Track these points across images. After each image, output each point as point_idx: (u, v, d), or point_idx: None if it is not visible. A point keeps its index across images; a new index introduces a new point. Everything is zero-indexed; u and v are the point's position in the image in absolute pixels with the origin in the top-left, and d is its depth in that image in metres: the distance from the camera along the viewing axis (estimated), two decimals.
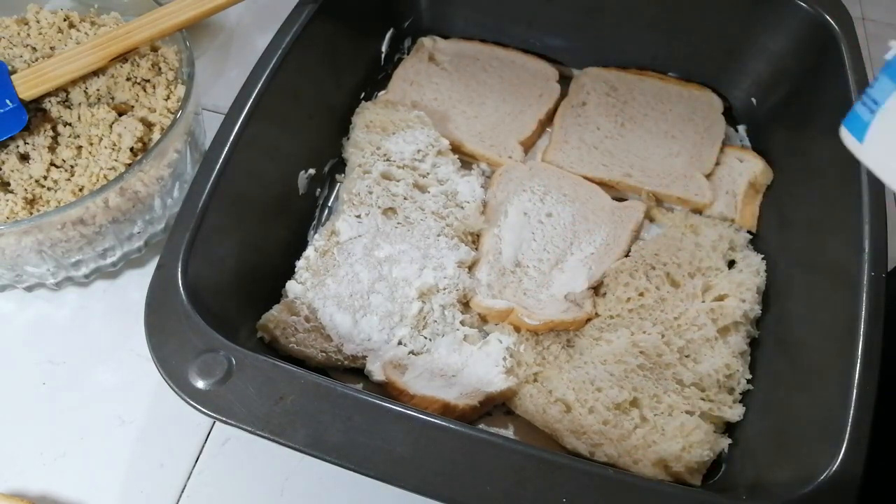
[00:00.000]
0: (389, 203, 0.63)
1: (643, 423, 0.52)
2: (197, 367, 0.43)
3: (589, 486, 0.40)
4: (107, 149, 0.58)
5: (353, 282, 0.58)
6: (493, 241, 0.63)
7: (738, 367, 0.54)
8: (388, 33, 0.77)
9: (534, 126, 0.73)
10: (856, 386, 0.43)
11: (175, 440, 0.55)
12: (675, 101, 0.74)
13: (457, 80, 0.77)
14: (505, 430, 0.56)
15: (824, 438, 0.43)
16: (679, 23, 0.73)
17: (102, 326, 0.61)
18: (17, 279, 0.59)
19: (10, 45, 0.63)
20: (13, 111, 0.58)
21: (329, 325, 0.56)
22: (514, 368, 0.56)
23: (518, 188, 0.66)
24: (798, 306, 0.55)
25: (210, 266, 0.51)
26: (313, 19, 0.62)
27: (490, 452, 0.41)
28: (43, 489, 0.53)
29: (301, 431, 0.41)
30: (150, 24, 0.61)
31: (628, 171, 0.69)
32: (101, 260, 0.60)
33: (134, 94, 0.62)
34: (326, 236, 0.61)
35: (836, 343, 0.47)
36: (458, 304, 0.59)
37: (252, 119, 0.56)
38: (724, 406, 0.53)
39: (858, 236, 0.49)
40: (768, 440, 0.50)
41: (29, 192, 0.56)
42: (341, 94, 0.71)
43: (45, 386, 0.58)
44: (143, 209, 0.59)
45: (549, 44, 0.79)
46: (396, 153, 0.66)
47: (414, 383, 0.54)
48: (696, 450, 0.50)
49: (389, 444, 0.40)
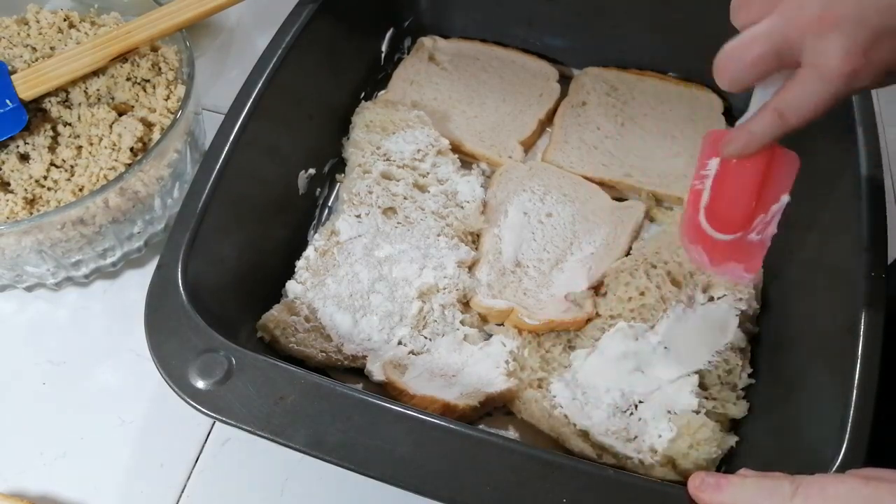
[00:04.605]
0: (389, 203, 0.63)
1: (649, 422, 0.52)
2: (197, 367, 0.43)
3: (589, 486, 0.40)
4: (107, 149, 0.58)
5: (353, 282, 0.58)
6: (493, 241, 0.63)
7: (737, 363, 0.54)
8: (388, 33, 0.77)
9: (534, 126, 0.73)
10: (856, 385, 0.43)
11: (175, 440, 0.55)
12: (675, 101, 0.74)
13: (457, 80, 0.77)
14: (505, 430, 0.56)
15: (825, 436, 0.43)
16: (679, 23, 0.73)
17: (102, 326, 0.61)
18: (17, 279, 0.59)
19: (10, 45, 0.63)
20: (13, 111, 0.58)
21: (329, 325, 0.56)
22: (516, 371, 0.56)
23: (518, 188, 0.66)
24: (798, 305, 0.55)
25: (210, 266, 0.51)
26: (313, 19, 0.62)
27: (490, 452, 0.41)
28: (43, 489, 0.53)
29: (301, 431, 0.41)
30: (150, 24, 0.61)
31: (628, 171, 0.69)
32: (101, 260, 0.60)
33: (134, 94, 0.62)
34: (326, 236, 0.61)
35: (837, 342, 0.47)
36: (458, 304, 0.59)
37: (252, 119, 0.56)
38: (728, 403, 0.53)
39: (858, 236, 0.49)
40: (771, 437, 0.50)
41: (29, 192, 0.56)
42: (341, 94, 0.71)
43: (45, 386, 0.58)
44: (143, 209, 0.59)
45: (549, 44, 0.79)
46: (396, 153, 0.66)
47: (414, 383, 0.54)
48: (703, 447, 0.50)
49: (389, 444, 0.40)
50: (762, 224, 0.49)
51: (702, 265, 0.52)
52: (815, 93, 0.37)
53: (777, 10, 0.37)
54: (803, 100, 0.38)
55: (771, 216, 0.49)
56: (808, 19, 0.36)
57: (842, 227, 0.51)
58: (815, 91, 0.37)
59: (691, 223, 0.52)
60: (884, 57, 0.35)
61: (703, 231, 0.51)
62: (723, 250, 0.50)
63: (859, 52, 0.35)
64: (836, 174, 0.55)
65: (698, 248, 0.52)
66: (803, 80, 0.37)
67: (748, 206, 0.48)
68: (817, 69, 0.36)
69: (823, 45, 0.35)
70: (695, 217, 0.51)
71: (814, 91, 0.37)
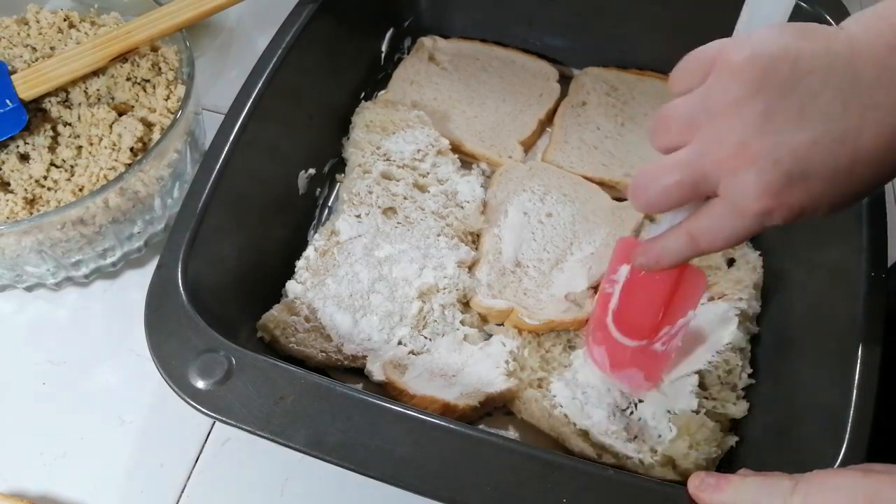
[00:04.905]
0: (389, 203, 0.63)
1: (649, 422, 0.52)
2: (197, 367, 0.43)
3: (589, 486, 0.40)
4: (107, 149, 0.58)
5: (353, 282, 0.58)
6: (493, 241, 0.63)
7: (737, 363, 0.54)
8: (388, 33, 0.77)
9: (534, 126, 0.73)
10: (856, 385, 0.43)
11: (175, 440, 0.55)
12: None
13: (457, 80, 0.77)
14: (505, 430, 0.56)
15: (825, 437, 0.43)
16: (679, 23, 0.72)
17: (102, 326, 0.61)
18: (17, 279, 0.59)
19: (10, 45, 0.63)
20: (13, 111, 0.58)
21: (329, 325, 0.56)
22: (516, 371, 0.56)
23: (518, 188, 0.66)
24: (798, 305, 0.55)
25: (210, 266, 0.51)
26: (313, 19, 0.62)
27: (490, 452, 0.41)
28: (43, 489, 0.53)
29: (301, 431, 0.41)
30: (150, 24, 0.61)
31: (628, 171, 0.69)
32: (101, 260, 0.60)
33: (134, 94, 0.62)
34: (326, 236, 0.61)
35: (837, 342, 0.47)
36: (458, 304, 0.59)
37: (252, 119, 0.56)
38: (728, 403, 0.53)
39: (858, 236, 0.49)
40: (771, 437, 0.50)
41: (29, 192, 0.56)
42: (341, 94, 0.71)
43: (45, 386, 0.58)
44: (143, 209, 0.59)
45: (549, 44, 0.79)
46: (396, 153, 0.66)
47: (414, 383, 0.54)
48: (703, 447, 0.50)
49: (389, 444, 0.40)
50: (667, 336, 0.50)
51: (601, 367, 0.53)
52: (727, 226, 0.37)
53: (695, 140, 0.37)
54: (716, 230, 0.38)
55: (677, 329, 0.49)
56: (725, 154, 0.35)
57: (842, 227, 0.51)
58: (728, 224, 0.37)
59: (599, 324, 0.52)
60: (797, 200, 0.35)
61: (610, 333, 0.51)
62: (625, 355, 0.51)
63: (773, 193, 0.34)
64: None
65: (602, 349, 0.52)
66: (718, 212, 0.37)
67: (654, 316, 0.49)
68: (732, 205, 0.36)
69: (738, 182, 0.35)
70: (602, 318, 0.52)
71: (726, 224, 0.37)
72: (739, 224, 0.37)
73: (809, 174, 0.34)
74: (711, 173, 0.36)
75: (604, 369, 0.52)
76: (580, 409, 0.53)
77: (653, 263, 0.43)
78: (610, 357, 0.52)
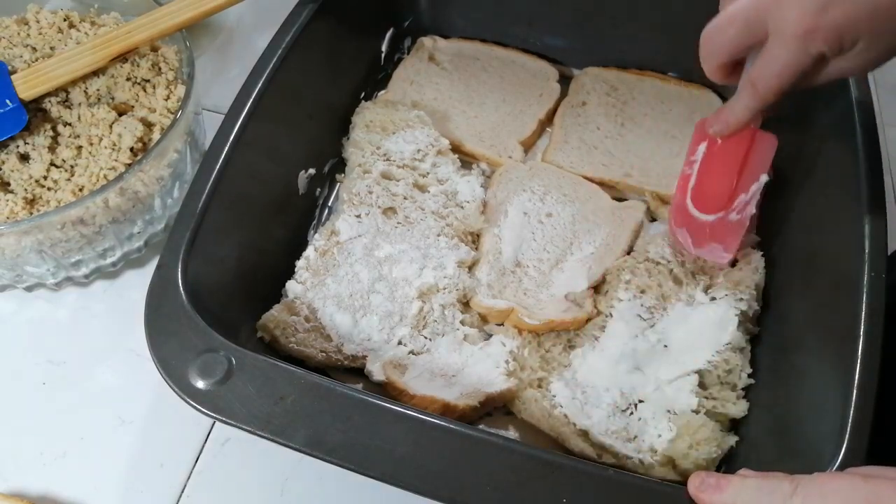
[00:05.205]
0: (389, 203, 0.63)
1: (649, 422, 0.52)
2: (197, 367, 0.43)
3: (589, 486, 0.40)
4: (107, 149, 0.58)
5: (353, 282, 0.58)
6: (493, 241, 0.63)
7: (737, 363, 0.54)
8: (388, 33, 0.77)
9: (534, 126, 0.73)
10: (856, 385, 0.43)
11: (175, 440, 0.55)
12: (675, 101, 0.74)
13: (457, 80, 0.77)
14: (505, 430, 0.56)
15: (825, 437, 0.43)
16: (679, 23, 0.72)
17: (102, 326, 0.61)
18: (17, 279, 0.59)
19: (10, 45, 0.64)
20: (13, 111, 0.58)
21: (329, 325, 0.56)
22: (516, 371, 0.56)
23: (518, 188, 0.66)
24: (798, 305, 0.55)
25: (210, 266, 0.51)
26: (313, 19, 0.62)
27: (490, 452, 0.41)
28: (43, 489, 0.53)
29: (301, 431, 0.41)
30: (150, 24, 0.61)
31: (628, 171, 0.69)
32: (101, 260, 0.60)
33: (134, 94, 0.62)
34: (326, 236, 0.61)
35: (837, 342, 0.47)
36: (458, 304, 0.59)
37: (252, 119, 0.56)
38: (728, 403, 0.53)
39: (858, 236, 0.49)
40: (771, 437, 0.50)
41: (29, 192, 0.56)
42: (341, 94, 0.71)
43: (45, 386, 0.58)
44: (143, 209, 0.59)
45: (549, 44, 0.79)
46: (396, 153, 0.66)
47: (414, 383, 0.54)
48: (703, 447, 0.50)
49: (389, 444, 0.40)
50: (742, 204, 0.53)
51: (686, 247, 0.56)
52: (776, 61, 0.41)
53: None
54: (768, 66, 0.42)
55: (751, 195, 0.53)
56: None
57: (842, 227, 0.51)
58: (777, 56, 0.41)
59: (679, 207, 0.56)
60: (836, 19, 0.38)
61: (689, 213, 0.55)
62: (705, 231, 0.55)
63: (812, 13, 0.38)
64: (836, 174, 0.55)
65: (683, 230, 0.55)
66: (767, 48, 0.41)
67: (730, 185, 0.52)
68: (777, 34, 0.40)
69: (782, 12, 0.39)
70: (682, 201, 0.55)
71: (776, 56, 0.41)
72: (786, 55, 0.40)
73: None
74: (762, 12, 0.41)
75: (688, 248, 0.55)
76: (580, 408, 0.53)
77: (725, 125, 0.48)
78: (692, 235, 0.55)
